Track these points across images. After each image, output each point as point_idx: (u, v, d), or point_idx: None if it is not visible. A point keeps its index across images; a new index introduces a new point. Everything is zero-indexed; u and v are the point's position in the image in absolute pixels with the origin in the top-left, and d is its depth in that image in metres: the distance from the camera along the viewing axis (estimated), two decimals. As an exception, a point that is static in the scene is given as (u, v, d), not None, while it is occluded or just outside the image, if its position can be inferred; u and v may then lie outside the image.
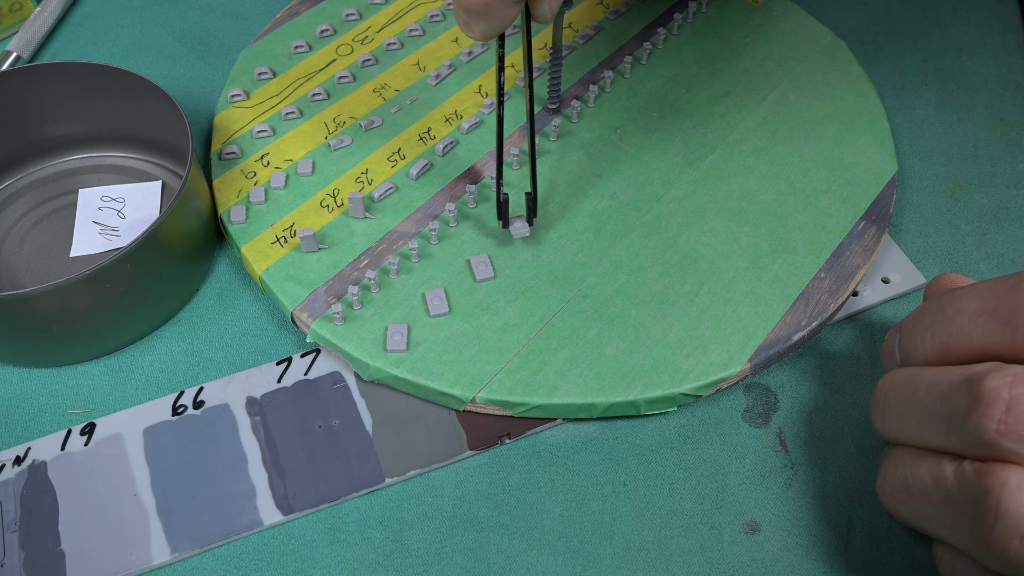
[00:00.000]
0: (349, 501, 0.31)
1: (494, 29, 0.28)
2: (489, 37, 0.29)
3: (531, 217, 0.36)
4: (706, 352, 0.33)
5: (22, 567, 0.29)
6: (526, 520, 0.30)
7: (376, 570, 0.29)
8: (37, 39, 0.46)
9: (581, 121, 0.40)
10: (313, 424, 0.32)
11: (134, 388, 0.33)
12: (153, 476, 0.31)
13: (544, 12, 0.29)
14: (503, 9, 0.27)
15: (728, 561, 0.29)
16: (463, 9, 0.27)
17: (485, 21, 0.27)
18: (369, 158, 0.39)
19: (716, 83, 0.42)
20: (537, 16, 0.29)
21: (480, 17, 0.27)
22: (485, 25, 0.28)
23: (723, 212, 0.37)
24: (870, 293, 0.36)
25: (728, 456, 0.32)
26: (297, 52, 0.43)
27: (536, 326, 0.33)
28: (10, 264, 0.36)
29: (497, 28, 0.28)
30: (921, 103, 0.44)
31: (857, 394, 0.33)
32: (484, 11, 0.27)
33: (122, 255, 0.31)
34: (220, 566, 0.29)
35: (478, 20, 0.27)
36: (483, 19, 0.27)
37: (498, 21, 0.28)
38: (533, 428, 0.32)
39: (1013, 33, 0.47)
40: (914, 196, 0.40)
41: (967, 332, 0.25)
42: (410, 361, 0.32)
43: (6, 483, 0.31)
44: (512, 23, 0.29)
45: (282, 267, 0.35)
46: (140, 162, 0.40)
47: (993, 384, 0.23)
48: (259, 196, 0.37)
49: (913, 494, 0.26)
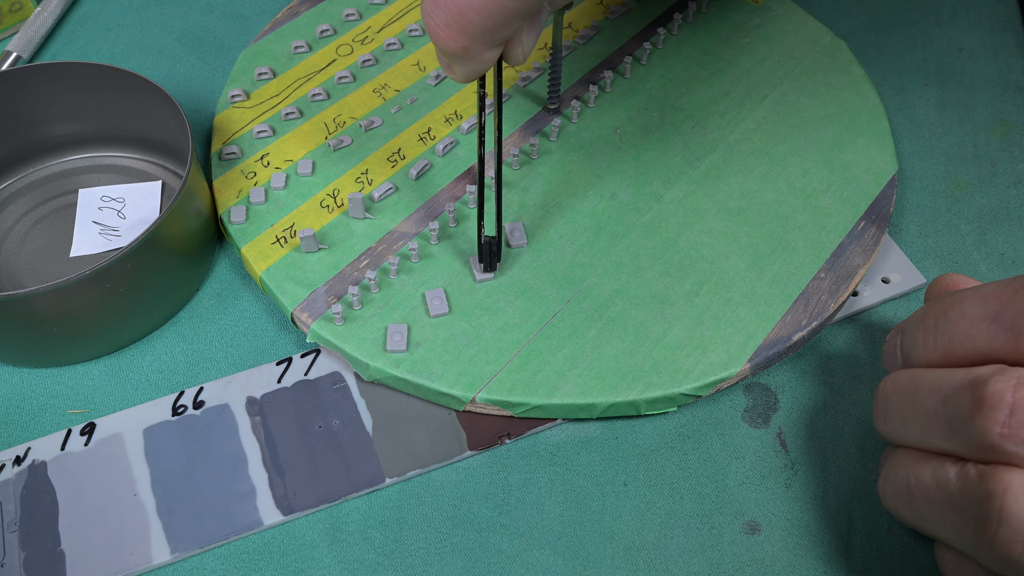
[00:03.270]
0: (349, 501, 0.31)
1: (475, 72, 0.28)
2: (470, 79, 0.29)
3: (493, 262, 0.34)
4: (706, 352, 0.33)
5: (22, 567, 0.29)
6: (526, 520, 0.30)
7: (376, 570, 0.29)
8: (37, 39, 0.45)
9: (581, 121, 0.40)
10: (313, 424, 0.32)
11: (134, 388, 0.33)
12: (153, 476, 0.31)
13: (517, 55, 0.29)
14: (481, 53, 0.27)
15: (728, 561, 0.29)
16: (442, 52, 0.27)
17: (464, 64, 0.28)
18: (369, 158, 0.39)
19: (716, 83, 0.42)
20: (509, 59, 0.29)
21: (459, 60, 0.28)
22: (465, 68, 0.28)
23: (723, 212, 0.37)
24: (870, 293, 0.36)
25: (728, 456, 0.32)
26: (297, 52, 0.43)
27: (536, 326, 0.33)
28: (10, 264, 0.36)
29: (477, 71, 0.28)
30: (921, 103, 0.44)
31: (857, 394, 0.33)
32: (463, 55, 0.27)
33: (122, 255, 0.31)
34: (220, 566, 0.29)
35: (458, 63, 0.28)
36: (463, 62, 0.28)
37: (478, 64, 0.28)
38: (533, 428, 0.32)
39: (1013, 33, 0.47)
40: (914, 196, 0.40)
41: (970, 336, 0.25)
42: (410, 361, 0.32)
43: (6, 483, 0.31)
44: (492, 65, 0.29)
45: (282, 267, 0.35)
46: (140, 162, 0.40)
47: (997, 387, 0.23)
48: (259, 196, 0.37)
49: (915, 496, 0.26)
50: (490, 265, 0.34)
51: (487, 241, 0.33)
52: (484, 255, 0.34)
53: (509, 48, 0.29)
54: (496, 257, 0.34)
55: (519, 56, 0.29)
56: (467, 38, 0.26)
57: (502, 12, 0.26)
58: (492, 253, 0.34)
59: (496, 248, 0.34)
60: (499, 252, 0.34)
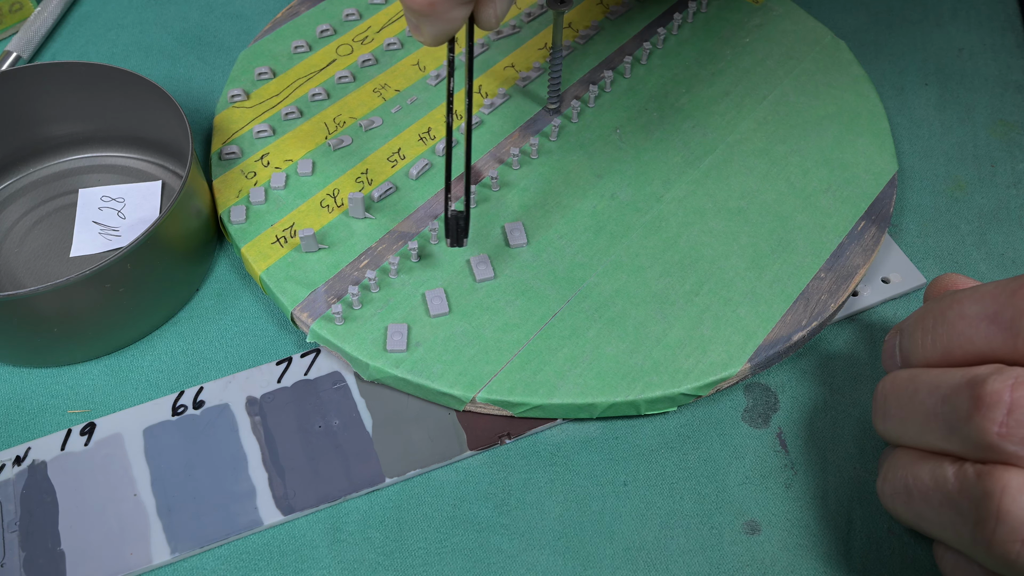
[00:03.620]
0: (349, 501, 0.31)
1: (443, 32, 0.27)
2: (439, 41, 0.28)
3: (460, 238, 0.33)
4: (706, 352, 0.33)
5: (22, 567, 0.29)
6: (526, 520, 0.30)
7: (376, 570, 0.29)
8: (37, 39, 0.45)
9: (581, 121, 0.40)
10: (313, 424, 0.32)
11: (134, 388, 0.34)
12: (153, 476, 0.31)
13: (489, 17, 0.28)
14: (449, 10, 0.26)
15: (728, 561, 0.29)
16: (409, 10, 0.27)
17: (432, 23, 0.27)
18: (369, 158, 0.39)
19: (716, 83, 0.42)
20: (481, 22, 0.28)
21: (426, 19, 0.26)
22: (433, 27, 0.27)
23: (723, 212, 0.37)
24: (870, 293, 0.36)
25: (728, 456, 0.32)
26: (297, 52, 0.43)
27: (536, 326, 0.33)
28: (10, 264, 0.36)
29: (445, 31, 0.27)
30: (921, 103, 0.44)
31: (857, 394, 0.33)
32: (429, 11, 0.26)
33: (122, 255, 0.31)
34: (220, 566, 0.29)
35: (425, 22, 0.27)
36: (429, 21, 0.27)
37: (445, 23, 0.27)
38: (533, 428, 0.32)
39: (1013, 33, 0.47)
40: (914, 196, 0.40)
41: (968, 336, 0.25)
42: (410, 361, 0.32)
43: (6, 483, 0.31)
44: (461, 25, 0.28)
45: (282, 267, 0.35)
46: (140, 162, 0.40)
47: (995, 387, 0.23)
48: (259, 196, 0.37)
49: (914, 496, 0.26)
50: (456, 240, 0.32)
51: (454, 215, 0.32)
52: (451, 230, 0.32)
53: (480, 8, 0.28)
54: (464, 232, 0.32)
55: (491, 18, 0.28)
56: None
57: None
58: (459, 228, 0.32)
59: (464, 222, 0.32)
60: (467, 226, 0.32)
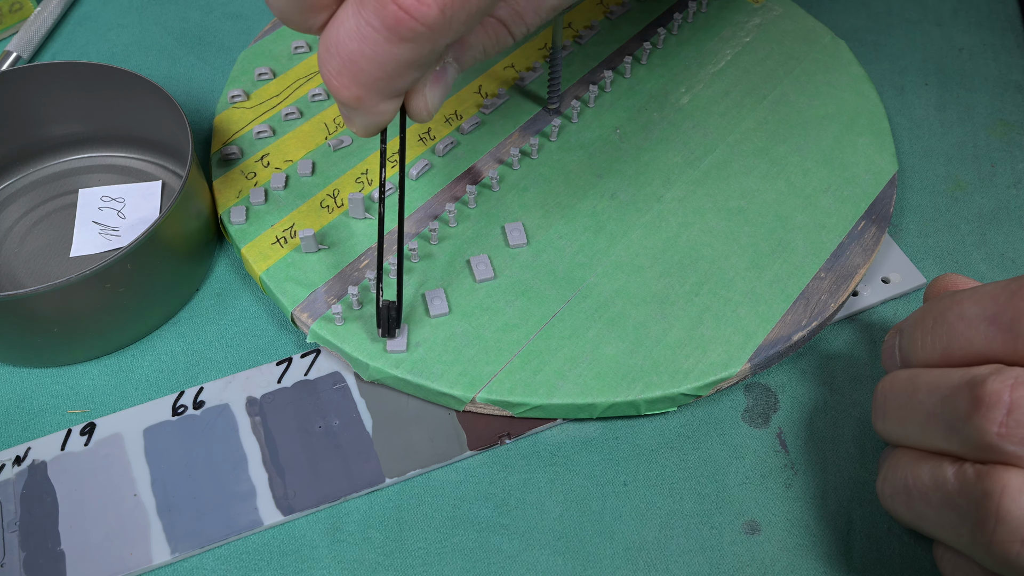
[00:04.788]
0: (349, 501, 0.31)
1: (373, 124, 0.27)
2: (371, 132, 0.27)
3: (391, 328, 0.32)
4: (706, 352, 0.33)
5: (22, 567, 0.29)
6: (526, 520, 0.30)
7: (376, 570, 0.29)
8: (37, 39, 0.45)
9: (581, 121, 0.40)
10: (313, 424, 0.32)
11: (134, 388, 0.34)
12: (153, 476, 0.31)
13: (420, 109, 0.27)
14: (377, 104, 0.25)
15: (728, 561, 0.29)
16: (339, 103, 0.26)
17: (361, 116, 0.26)
18: (369, 158, 0.39)
19: (716, 83, 0.42)
20: (413, 114, 0.27)
21: (356, 112, 0.26)
22: (362, 119, 0.26)
23: (723, 212, 0.37)
24: (870, 293, 0.36)
25: (728, 456, 0.32)
26: (297, 52, 0.43)
27: (536, 326, 0.33)
28: (10, 264, 0.36)
29: (376, 123, 0.26)
30: (921, 103, 0.44)
31: (857, 394, 0.33)
32: (357, 105, 0.25)
33: (122, 255, 0.31)
34: (220, 566, 0.29)
35: (355, 115, 0.26)
36: (359, 114, 0.26)
37: (375, 116, 0.26)
38: (533, 428, 0.32)
39: (1013, 33, 0.47)
40: (914, 196, 0.40)
41: (968, 337, 0.25)
42: (410, 361, 0.32)
43: (6, 483, 0.31)
44: (391, 118, 0.27)
45: (282, 267, 0.35)
46: (140, 162, 0.40)
47: (994, 387, 0.23)
48: (259, 197, 0.37)
49: (913, 496, 0.26)
50: (388, 331, 0.32)
51: (386, 305, 0.31)
52: (382, 320, 0.31)
53: (410, 101, 0.27)
54: (396, 323, 0.31)
55: (421, 110, 0.27)
56: (360, 87, 0.25)
57: (393, 63, 0.24)
58: (391, 319, 0.31)
59: (396, 312, 0.31)
60: (399, 317, 0.32)
